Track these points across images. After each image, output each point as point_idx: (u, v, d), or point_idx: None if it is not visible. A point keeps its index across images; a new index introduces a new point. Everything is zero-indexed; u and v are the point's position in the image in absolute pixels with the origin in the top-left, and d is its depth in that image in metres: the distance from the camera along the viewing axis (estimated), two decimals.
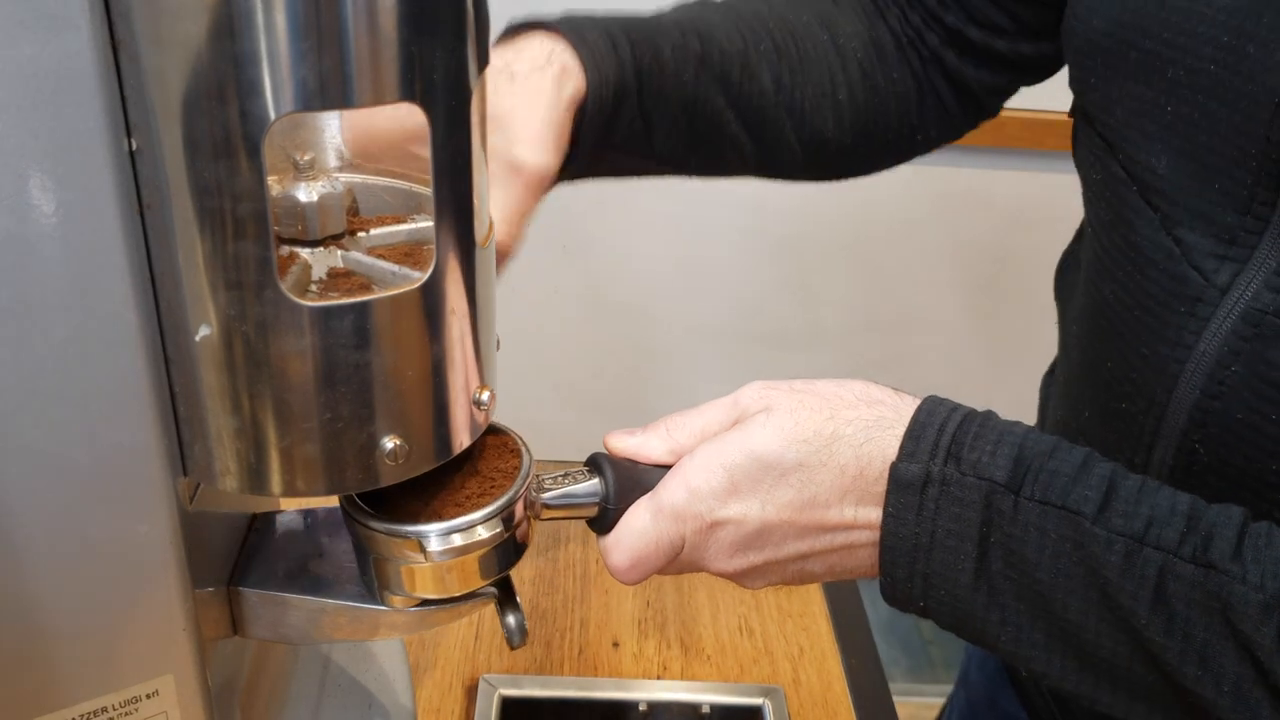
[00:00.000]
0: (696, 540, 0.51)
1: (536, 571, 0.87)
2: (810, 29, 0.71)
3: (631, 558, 0.52)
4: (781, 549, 0.51)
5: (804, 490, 0.50)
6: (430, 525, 0.48)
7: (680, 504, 0.51)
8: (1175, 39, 0.53)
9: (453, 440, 0.47)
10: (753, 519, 0.50)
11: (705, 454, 0.51)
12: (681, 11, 0.70)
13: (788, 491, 0.50)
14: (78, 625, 0.44)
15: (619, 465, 0.53)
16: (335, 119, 0.50)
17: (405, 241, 0.49)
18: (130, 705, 0.47)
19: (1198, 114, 0.53)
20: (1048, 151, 1.48)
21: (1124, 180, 0.58)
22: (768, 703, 0.75)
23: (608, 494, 0.52)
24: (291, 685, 0.63)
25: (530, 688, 0.75)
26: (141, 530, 0.44)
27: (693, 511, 0.51)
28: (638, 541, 0.51)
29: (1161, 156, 0.56)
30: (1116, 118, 0.58)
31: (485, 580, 0.51)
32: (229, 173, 0.38)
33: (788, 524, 0.50)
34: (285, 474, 0.44)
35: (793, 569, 0.52)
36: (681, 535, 0.51)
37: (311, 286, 0.46)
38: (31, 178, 0.36)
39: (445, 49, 0.40)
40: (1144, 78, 0.56)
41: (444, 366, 0.45)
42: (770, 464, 0.50)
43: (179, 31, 0.36)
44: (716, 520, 0.51)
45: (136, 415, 0.41)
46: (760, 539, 0.51)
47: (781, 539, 0.51)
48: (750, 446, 0.50)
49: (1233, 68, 0.51)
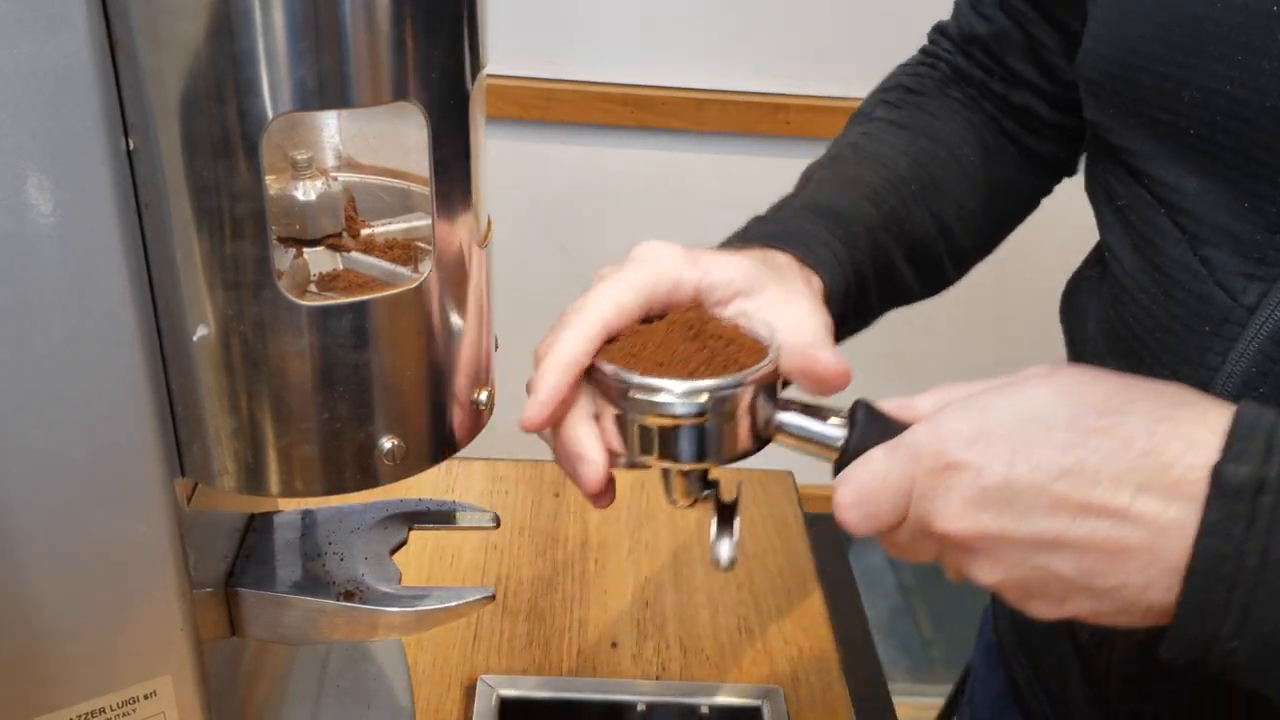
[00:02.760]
0: (927, 484, 0.44)
1: (535, 572, 0.87)
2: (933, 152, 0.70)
3: (856, 493, 0.46)
4: (1025, 522, 0.42)
5: (1070, 454, 0.41)
6: (630, 374, 0.46)
7: (919, 441, 0.44)
8: (1187, 60, 0.53)
9: (451, 440, 0.47)
10: (996, 470, 0.42)
11: (965, 401, 0.44)
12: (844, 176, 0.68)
13: (1049, 450, 0.42)
14: (75, 626, 0.44)
15: (875, 417, 0.48)
16: (333, 118, 0.50)
17: (403, 241, 0.49)
18: (128, 706, 0.47)
19: (1219, 134, 0.52)
20: None
21: (1151, 203, 0.58)
22: (767, 703, 0.75)
23: (849, 440, 0.47)
24: (290, 685, 0.63)
25: (529, 688, 0.75)
26: (140, 530, 0.43)
27: (930, 449, 0.44)
28: (865, 476, 0.46)
29: (1188, 178, 0.55)
30: (1138, 144, 0.57)
31: (677, 461, 0.48)
32: (227, 172, 0.38)
33: (1039, 489, 0.41)
34: (283, 474, 0.44)
35: (1034, 561, 0.43)
36: (912, 475, 0.44)
37: (310, 286, 0.46)
38: (29, 177, 0.36)
39: (443, 49, 0.40)
40: (1160, 102, 0.55)
41: (442, 366, 0.45)
42: (1036, 416, 0.42)
43: (177, 31, 0.36)
44: (953, 462, 0.43)
45: (134, 415, 0.41)
46: (1001, 498, 0.42)
47: (1028, 507, 0.42)
48: (1018, 398, 0.43)
49: (1249, 85, 0.50)
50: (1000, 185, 0.73)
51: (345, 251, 0.48)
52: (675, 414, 0.46)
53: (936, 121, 0.72)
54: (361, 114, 0.50)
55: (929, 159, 0.69)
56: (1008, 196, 0.74)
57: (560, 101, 1.48)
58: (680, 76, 1.49)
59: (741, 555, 0.90)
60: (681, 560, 0.89)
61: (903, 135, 0.70)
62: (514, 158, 1.51)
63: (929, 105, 0.72)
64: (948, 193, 0.69)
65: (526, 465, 0.98)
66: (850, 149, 0.70)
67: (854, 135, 0.72)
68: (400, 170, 0.51)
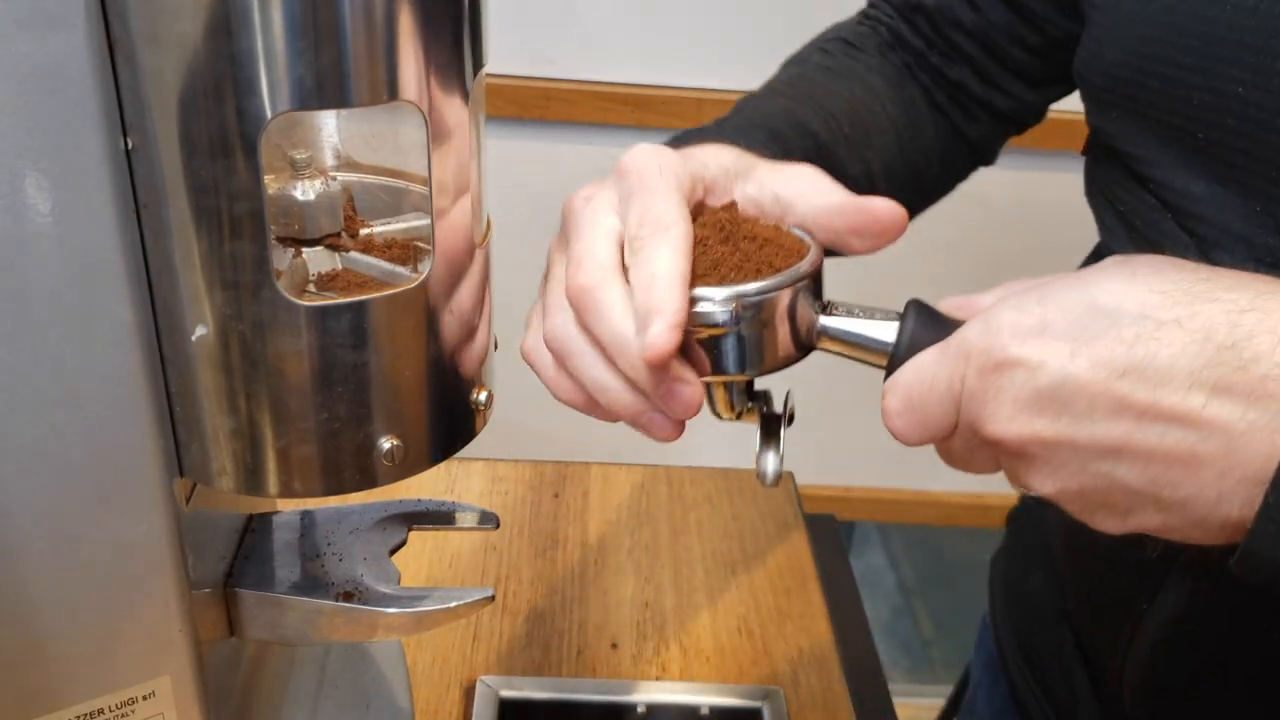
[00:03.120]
0: (977, 385, 0.40)
1: (535, 573, 0.87)
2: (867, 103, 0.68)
3: (904, 399, 0.42)
4: (1085, 426, 0.38)
5: (1137, 349, 0.37)
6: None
7: (971, 338, 0.40)
8: (1197, 63, 0.52)
9: (450, 441, 0.47)
10: (1052, 368, 0.38)
11: (1028, 290, 0.40)
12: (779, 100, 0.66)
13: (1113, 345, 0.37)
14: (74, 626, 0.44)
15: (929, 316, 0.44)
16: (332, 118, 0.50)
17: (402, 241, 0.49)
18: (127, 707, 0.46)
19: (1230, 136, 0.52)
20: (1046, 151, 1.48)
21: (1157, 208, 0.57)
22: (767, 704, 0.75)
23: (900, 342, 0.44)
24: (289, 687, 0.63)
25: (528, 689, 0.75)
26: (138, 531, 0.43)
27: (981, 345, 0.40)
28: (914, 379, 0.42)
29: (1197, 182, 0.54)
30: (1144, 148, 0.57)
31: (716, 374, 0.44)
32: (226, 172, 0.38)
33: (1099, 389, 0.37)
34: (282, 474, 0.44)
35: (1094, 468, 0.39)
36: (962, 376, 0.40)
37: (309, 286, 0.45)
38: (27, 177, 0.36)
39: (442, 48, 0.40)
40: (1168, 105, 0.54)
41: (441, 366, 0.45)
42: (1103, 308, 0.38)
43: (175, 30, 0.36)
44: (1005, 359, 0.39)
45: (132, 415, 0.41)
46: (1056, 400, 0.38)
47: (1087, 409, 0.38)
48: (1084, 286, 0.39)
49: (1261, 86, 0.50)
50: (922, 157, 0.70)
51: (344, 251, 0.48)
52: (710, 324, 0.43)
53: (872, 76, 0.69)
54: (360, 113, 0.50)
55: (863, 109, 0.67)
56: (927, 171, 0.71)
57: (560, 101, 1.48)
58: (681, 76, 1.49)
59: (741, 555, 0.90)
60: (681, 561, 0.89)
61: (839, 81, 0.68)
62: (514, 157, 1.51)
63: (866, 61, 0.70)
64: (876, 147, 0.67)
65: (526, 466, 0.98)
66: (785, 85, 0.68)
67: (789, 75, 0.70)
68: (399, 170, 0.51)
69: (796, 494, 0.99)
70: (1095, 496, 0.39)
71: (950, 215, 1.73)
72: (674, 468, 1.00)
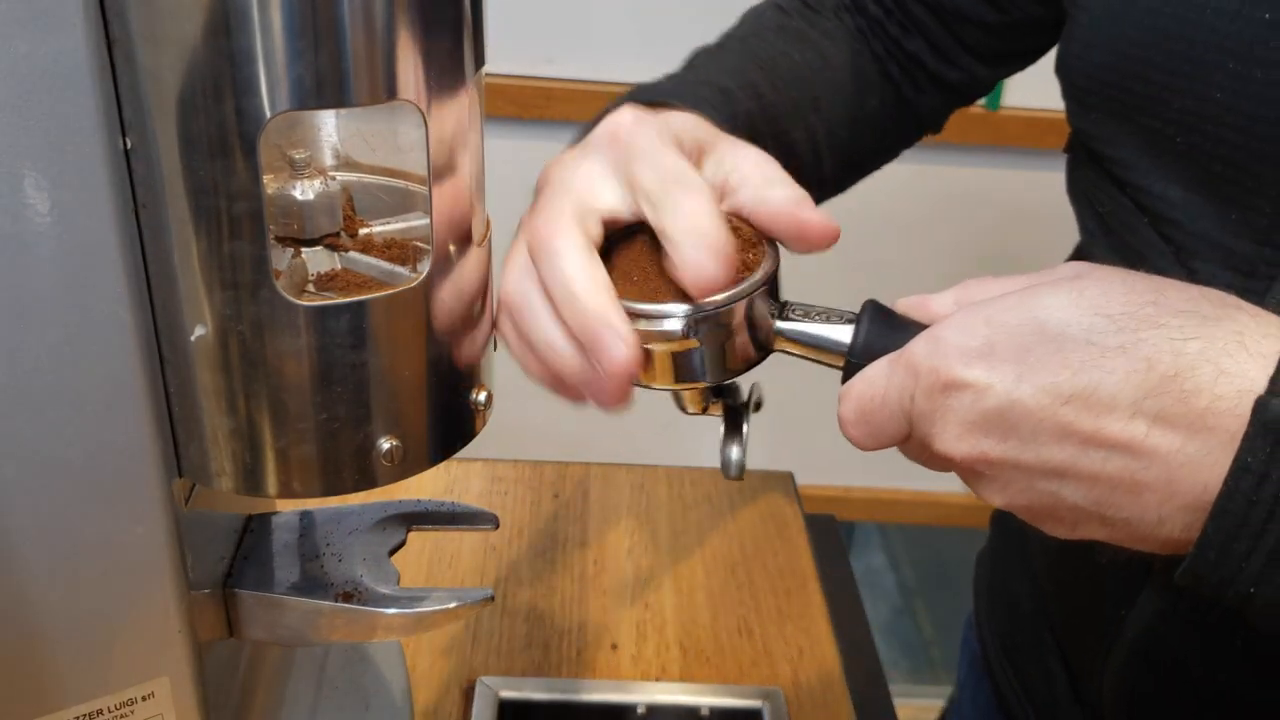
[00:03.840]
0: (926, 404, 0.41)
1: (535, 573, 0.87)
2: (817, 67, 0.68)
3: (857, 409, 0.43)
4: (1029, 449, 0.39)
5: (1081, 376, 0.37)
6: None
7: (919, 355, 0.41)
8: (1180, 68, 0.52)
9: (450, 441, 0.47)
10: (998, 392, 0.39)
11: (975, 308, 0.41)
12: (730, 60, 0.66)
13: (1058, 372, 0.38)
14: (72, 627, 0.44)
15: (884, 319, 0.45)
16: (331, 117, 0.50)
17: (402, 241, 0.49)
18: (126, 708, 0.46)
19: (1209, 143, 0.51)
20: (1046, 150, 1.48)
21: (1134, 212, 0.57)
22: (767, 705, 0.75)
23: (855, 345, 0.45)
24: (288, 687, 0.63)
25: (528, 690, 0.75)
26: (137, 531, 0.43)
27: (929, 365, 0.40)
28: (864, 392, 0.43)
29: (1174, 188, 0.54)
30: (1123, 151, 0.57)
31: (679, 383, 0.45)
32: (224, 171, 0.38)
33: (1044, 414, 0.38)
34: (281, 475, 0.44)
35: (1041, 487, 0.40)
36: (910, 393, 0.41)
37: (308, 286, 0.45)
38: (26, 176, 0.36)
39: (442, 47, 0.40)
40: (1149, 110, 0.54)
41: (441, 367, 0.45)
42: (1048, 332, 0.38)
43: (174, 29, 0.36)
44: (952, 380, 0.40)
45: (131, 416, 0.41)
46: (1002, 423, 0.39)
47: (1032, 433, 0.38)
48: (1031, 307, 0.39)
49: (1241, 94, 0.50)
50: (867, 125, 0.70)
51: (343, 251, 0.47)
52: (667, 339, 0.44)
53: (825, 41, 0.70)
54: (360, 113, 0.50)
55: (812, 73, 0.67)
56: (872, 137, 0.72)
57: (560, 100, 1.48)
58: None
59: (741, 556, 0.90)
60: (681, 561, 0.89)
61: (791, 42, 0.68)
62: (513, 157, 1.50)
63: (821, 24, 0.70)
64: (824, 112, 0.67)
65: (526, 466, 0.98)
66: (738, 42, 0.68)
67: (743, 31, 0.70)
68: (399, 169, 0.51)
69: (797, 494, 0.99)
70: (1042, 511, 0.41)
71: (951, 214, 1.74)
72: (674, 468, 1.00)
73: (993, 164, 1.55)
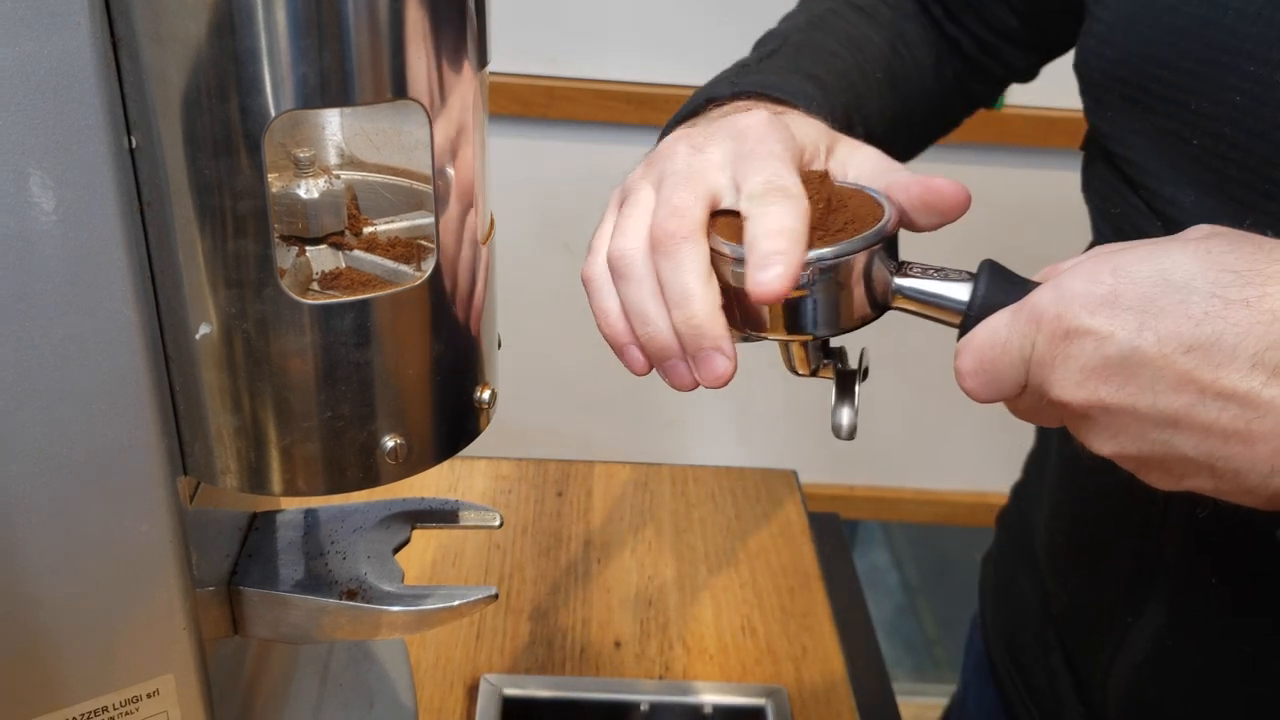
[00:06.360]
0: (1046, 351, 0.41)
1: (538, 571, 0.87)
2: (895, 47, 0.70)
3: (976, 360, 0.43)
4: (1146, 396, 0.39)
5: (1204, 326, 0.38)
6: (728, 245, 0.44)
7: (1042, 304, 0.41)
8: (1197, 69, 0.51)
9: (454, 439, 0.47)
10: (1120, 340, 0.39)
11: (1102, 257, 0.41)
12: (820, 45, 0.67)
13: (1180, 322, 0.38)
14: (78, 625, 0.44)
15: (1002, 277, 0.45)
16: (336, 116, 0.50)
17: (406, 239, 0.49)
18: (131, 704, 0.47)
19: (1224, 146, 0.51)
20: (1051, 149, 1.48)
21: (1146, 214, 0.56)
22: (770, 703, 0.75)
23: (974, 301, 0.45)
24: (292, 685, 0.63)
25: (532, 687, 0.75)
26: (142, 529, 0.43)
27: (1052, 313, 0.41)
28: (985, 341, 0.43)
29: (1187, 191, 0.53)
30: (1137, 152, 0.56)
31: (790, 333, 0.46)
32: (229, 170, 0.38)
33: (1164, 363, 0.38)
34: (285, 473, 0.44)
35: (1153, 436, 0.40)
36: (1032, 341, 0.41)
37: (312, 284, 0.45)
38: (31, 175, 0.36)
39: (446, 46, 0.40)
40: (1165, 110, 0.54)
41: (445, 365, 0.45)
42: (1174, 283, 0.39)
43: (179, 29, 0.36)
44: (1074, 328, 0.40)
45: (136, 414, 0.41)
46: (1122, 370, 0.39)
47: (1150, 382, 0.39)
48: (1158, 258, 0.40)
49: (1260, 98, 0.49)
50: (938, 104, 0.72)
51: (348, 250, 0.48)
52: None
53: (901, 21, 0.71)
54: (364, 111, 0.50)
55: (892, 53, 0.68)
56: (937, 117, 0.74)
57: (563, 99, 1.48)
58: (684, 74, 1.49)
59: (744, 554, 0.90)
60: (685, 559, 0.89)
61: (870, 23, 0.69)
62: (517, 155, 1.51)
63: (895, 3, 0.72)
64: (901, 92, 0.68)
65: (530, 464, 0.98)
66: (819, 20, 0.69)
67: (819, 9, 0.70)
68: (403, 168, 0.51)
69: (800, 492, 0.99)
70: (1151, 460, 0.41)
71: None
72: (677, 466, 1.00)
73: (996, 162, 1.54)
